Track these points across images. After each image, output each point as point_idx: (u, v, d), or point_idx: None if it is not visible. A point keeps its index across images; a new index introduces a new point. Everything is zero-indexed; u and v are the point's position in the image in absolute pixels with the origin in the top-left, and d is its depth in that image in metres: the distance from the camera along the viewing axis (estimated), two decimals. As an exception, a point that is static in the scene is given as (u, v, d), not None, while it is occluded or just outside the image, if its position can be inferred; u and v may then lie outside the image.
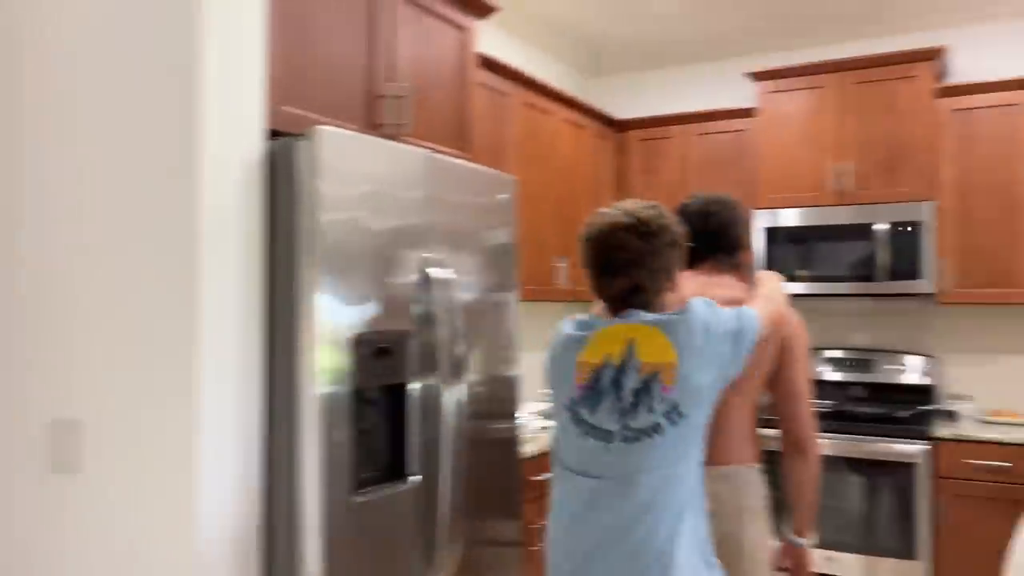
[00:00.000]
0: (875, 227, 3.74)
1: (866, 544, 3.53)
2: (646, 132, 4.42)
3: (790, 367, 1.97)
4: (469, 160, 2.63)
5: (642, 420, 1.62)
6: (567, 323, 1.81)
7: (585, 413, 1.68)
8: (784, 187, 3.99)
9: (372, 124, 2.28)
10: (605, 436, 1.65)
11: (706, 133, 4.27)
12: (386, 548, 1.97)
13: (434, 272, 2.09)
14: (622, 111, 4.67)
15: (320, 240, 1.79)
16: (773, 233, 3.98)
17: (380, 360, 1.96)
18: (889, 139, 3.77)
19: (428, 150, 2.19)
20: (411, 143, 2.33)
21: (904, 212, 3.70)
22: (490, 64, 3.27)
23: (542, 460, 3.01)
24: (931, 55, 3.69)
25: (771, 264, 3.96)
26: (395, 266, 2.01)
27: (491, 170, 2.46)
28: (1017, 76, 3.59)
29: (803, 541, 2.04)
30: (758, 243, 3.99)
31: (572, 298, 3.92)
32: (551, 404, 1.80)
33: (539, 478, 2.98)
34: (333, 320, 1.82)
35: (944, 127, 3.71)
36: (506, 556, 2.50)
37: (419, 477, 2.05)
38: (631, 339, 1.67)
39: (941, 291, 3.69)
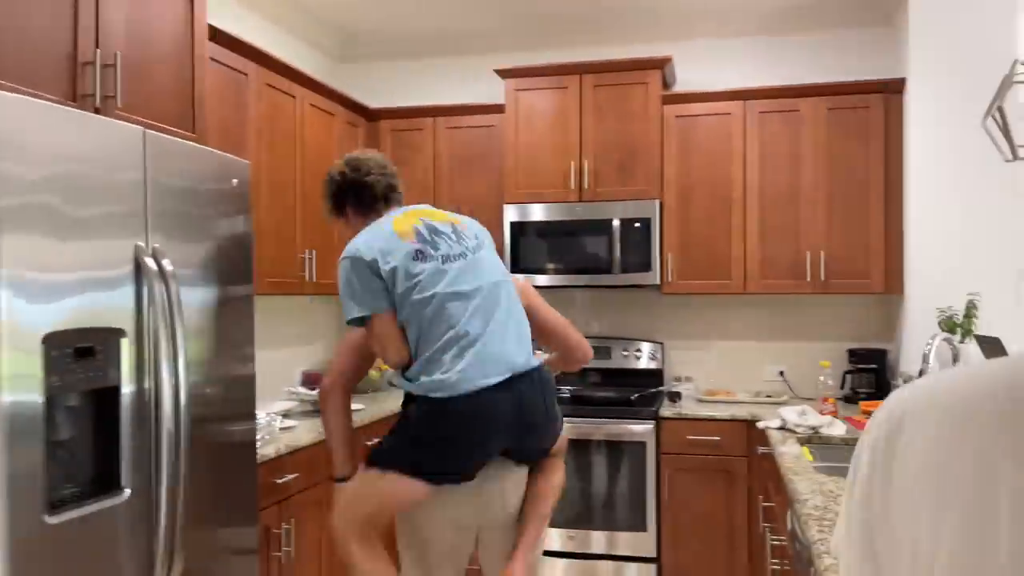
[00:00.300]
0: (611, 223, 3.99)
1: (606, 520, 3.76)
2: (398, 123, 4.38)
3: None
4: (196, 141, 2.42)
5: (468, 243, 2.28)
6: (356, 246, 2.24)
7: (431, 251, 2.20)
8: (530, 183, 4.14)
9: (75, 96, 2.02)
10: (459, 255, 2.22)
11: (458, 127, 4.31)
12: (95, 568, 1.76)
13: (150, 263, 1.90)
14: (375, 100, 4.59)
15: (-2, 227, 1.55)
16: (520, 227, 4.11)
17: (83, 362, 1.74)
18: (623, 140, 4.04)
19: (146, 128, 1.98)
20: (124, 119, 2.09)
21: (635, 209, 3.98)
22: (226, 40, 3.05)
23: (284, 461, 2.87)
24: (659, 64, 3.99)
25: (517, 257, 4.09)
26: (102, 257, 1.79)
27: (221, 153, 2.29)
28: (731, 88, 3.99)
29: None
30: (505, 237, 4.11)
31: (317, 292, 3.78)
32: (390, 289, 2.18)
33: (282, 480, 2.84)
34: (17, 319, 1.58)
35: (669, 131, 4.03)
36: (241, 565, 2.35)
37: (130, 490, 1.85)
38: (421, 213, 2.35)
39: (665, 282, 4.02)
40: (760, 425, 3.30)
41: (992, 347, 2.73)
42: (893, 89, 3.84)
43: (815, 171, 3.90)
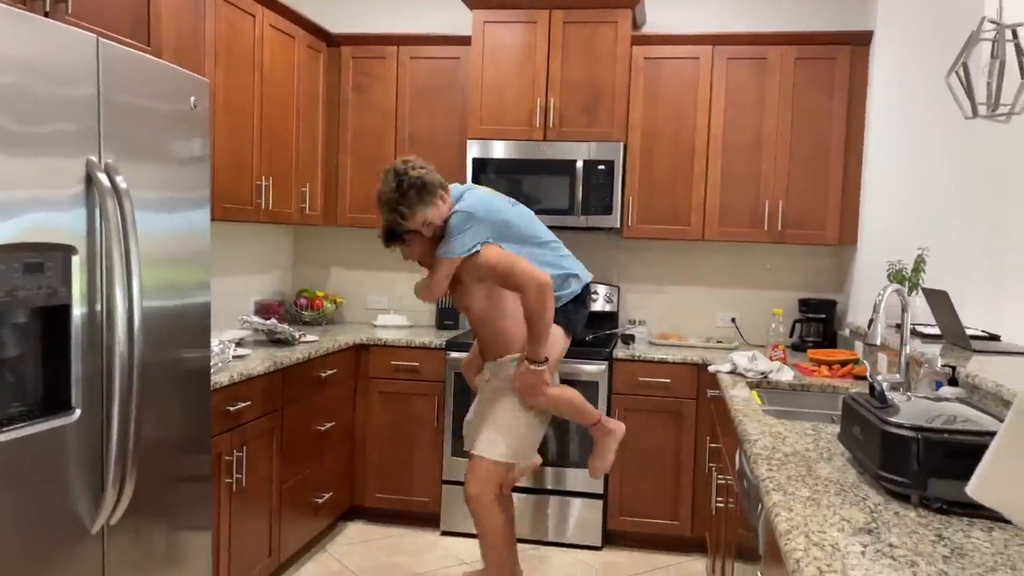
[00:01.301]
0: (575, 164, 3.96)
1: (557, 456, 3.82)
2: (360, 50, 4.25)
3: None
4: (151, 55, 2.31)
5: None
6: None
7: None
8: (495, 119, 4.07)
9: (21, -2, 1.91)
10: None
11: (421, 57, 4.21)
12: (43, 490, 1.72)
13: (102, 178, 1.82)
14: (337, 24, 4.44)
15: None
16: (483, 164, 4.05)
17: (32, 278, 1.68)
18: (590, 80, 3.99)
19: (99, 37, 1.88)
20: (74, 25, 1.98)
21: (599, 151, 3.95)
22: (183, -50, 2.89)
23: (237, 388, 2.84)
24: (630, 3, 3.92)
25: (479, 194, 4.04)
26: (53, 172, 1.71)
27: (180, 69, 2.19)
28: (700, 32, 3.95)
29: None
30: (468, 173, 4.06)
31: (273, 220, 3.70)
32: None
33: (235, 408, 2.81)
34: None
35: (636, 73, 3.99)
36: (193, 492, 2.33)
37: (80, 410, 1.81)
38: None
39: (626, 226, 4.03)
40: (711, 369, 3.37)
41: (939, 300, 2.81)
42: (860, 41, 3.85)
43: (779, 121, 3.91)
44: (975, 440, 1.60)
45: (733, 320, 4.32)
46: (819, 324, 4.08)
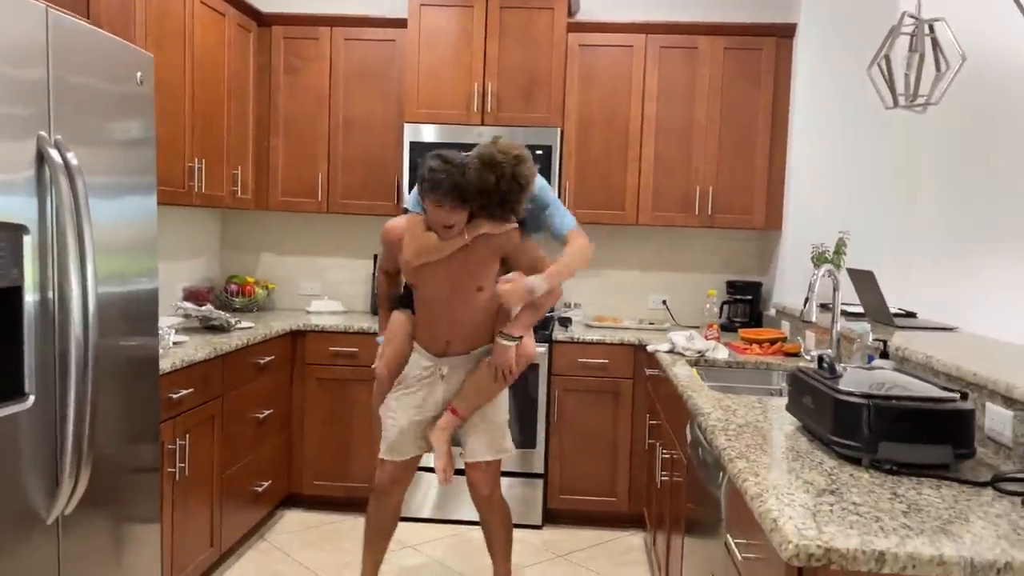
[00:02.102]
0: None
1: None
2: (292, 30, 4.16)
3: None
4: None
5: None
6: None
7: None
8: (432, 103, 4.06)
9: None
10: None
11: (356, 39, 4.15)
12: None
13: (54, 155, 1.74)
14: (267, 3, 4.33)
15: None
16: (419, 148, 4.03)
17: (-20, 259, 1.59)
18: (527, 65, 4.02)
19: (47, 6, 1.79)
20: (18, -5, 1.88)
21: (537, 136, 4.00)
22: (115, -80, 2.77)
23: (179, 376, 2.76)
24: (565, -10, 3.97)
25: (415, 179, 4.02)
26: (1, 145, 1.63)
27: (126, 43, 2.11)
28: (634, 20, 4.03)
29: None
30: (405, 157, 4.04)
31: (205, 203, 3.60)
32: None
33: (176, 395, 2.74)
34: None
35: (572, 60, 4.05)
36: (142, 482, 2.26)
37: (34, 398, 1.74)
38: None
39: (563, 210, 4.08)
40: (650, 348, 3.47)
41: (865, 279, 2.97)
42: (784, 33, 4.01)
43: (709, 109, 4.04)
44: (920, 406, 1.72)
45: (664, 302, 4.45)
46: (746, 305, 4.25)
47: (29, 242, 1.70)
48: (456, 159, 2.53)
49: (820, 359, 2.00)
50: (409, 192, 4.02)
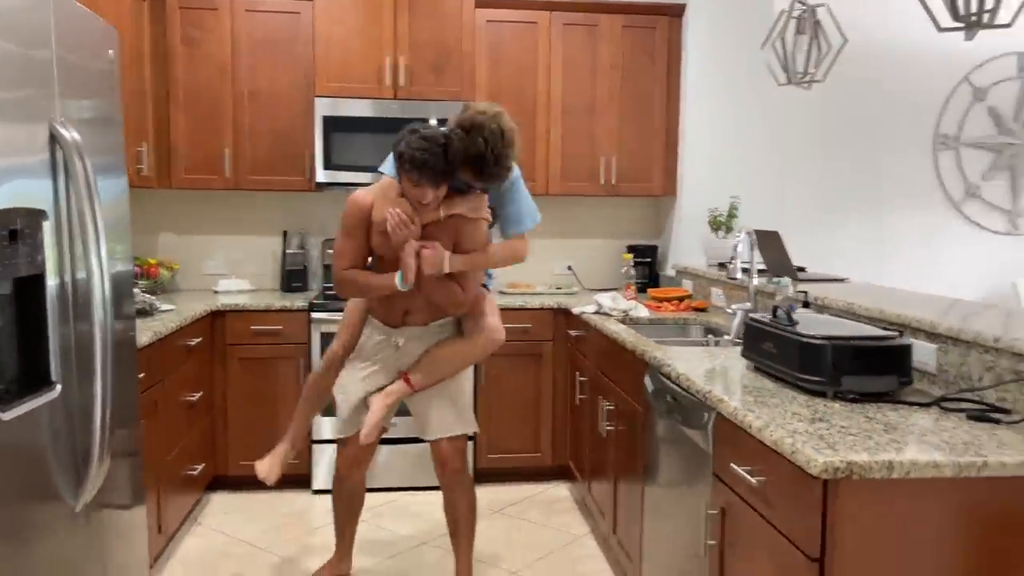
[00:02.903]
0: (428, 122, 4.06)
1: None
2: (188, 0, 4.00)
3: None
4: None
5: None
6: None
7: None
8: (343, 76, 4.05)
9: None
10: None
11: (258, 10, 4.05)
12: (28, 468, 1.61)
13: (67, 135, 1.69)
14: (155, -30, 4.12)
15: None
16: (332, 122, 4.03)
17: (9, 247, 1.55)
18: (437, 40, 4.09)
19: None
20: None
21: (450, 110, 4.09)
22: None
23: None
24: (472, -34, 4.06)
25: (330, 153, 4.03)
26: (14, 133, 1.57)
27: (97, 16, 2.03)
28: (536, -2, 4.20)
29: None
30: (317, 132, 4.01)
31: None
32: None
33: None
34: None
35: (480, 35, 4.16)
36: (129, 466, 2.23)
37: (60, 386, 1.70)
38: None
39: (477, 182, 4.22)
40: (576, 310, 3.70)
41: (770, 239, 3.33)
42: (674, 13, 4.31)
43: (610, 84, 4.29)
44: (872, 343, 2.04)
45: (569, 268, 4.70)
46: (645, 267, 4.58)
47: (48, 228, 1.65)
48: (435, 135, 2.53)
49: (774, 309, 2.29)
50: (323, 168, 4.01)
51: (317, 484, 3.97)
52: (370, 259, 2.76)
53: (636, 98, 4.32)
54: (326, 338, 3.87)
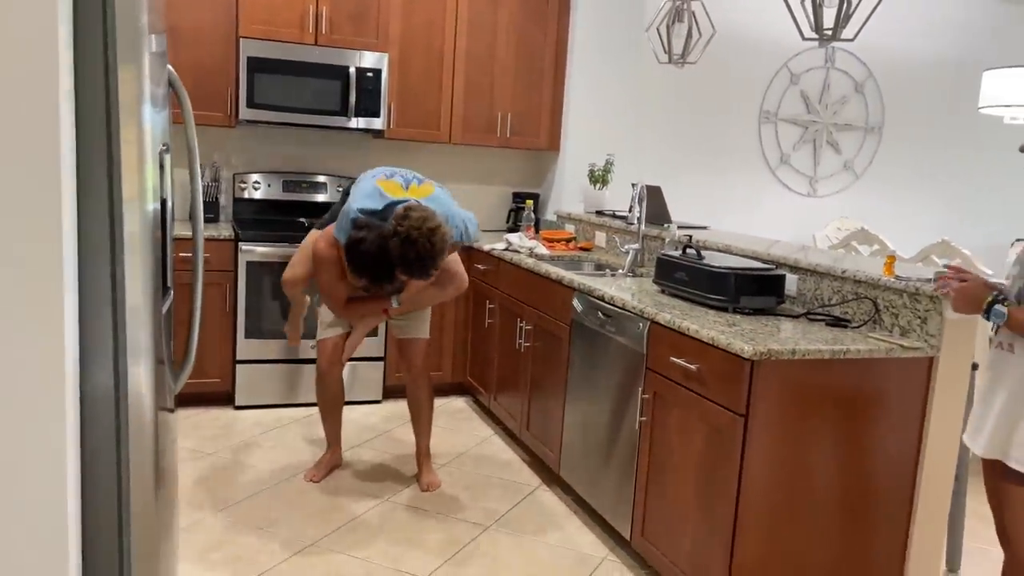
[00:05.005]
0: (348, 69, 4.40)
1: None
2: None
3: None
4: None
5: None
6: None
7: None
8: (267, 19, 4.27)
9: None
10: None
11: (180, -55, 4.16)
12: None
13: (171, 70, 2.01)
14: None
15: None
16: (257, 63, 4.25)
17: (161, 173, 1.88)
18: (356, -8, 4.42)
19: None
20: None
21: (369, 59, 4.45)
22: None
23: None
24: (391, -74, 4.40)
25: (253, 93, 4.26)
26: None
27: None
28: (446, -38, 4.61)
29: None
30: (242, 72, 4.23)
31: None
32: None
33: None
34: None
35: (395, -9, 4.53)
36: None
37: (172, 292, 2.06)
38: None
39: (388, 129, 4.63)
40: (487, 247, 4.27)
41: (654, 192, 4.07)
42: (564, -13, 4.90)
43: (508, 43, 4.82)
44: (760, 273, 2.81)
45: (461, 209, 5.23)
46: (528, 211, 5.21)
47: (168, 158, 1.97)
48: (375, 248, 2.89)
49: (685, 247, 3.01)
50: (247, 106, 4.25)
51: (240, 400, 4.29)
52: None
53: (529, 59, 4.89)
54: (251, 267, 4.18)
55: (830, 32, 3.17)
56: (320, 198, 4.76)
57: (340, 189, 4.79)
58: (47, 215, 1.50)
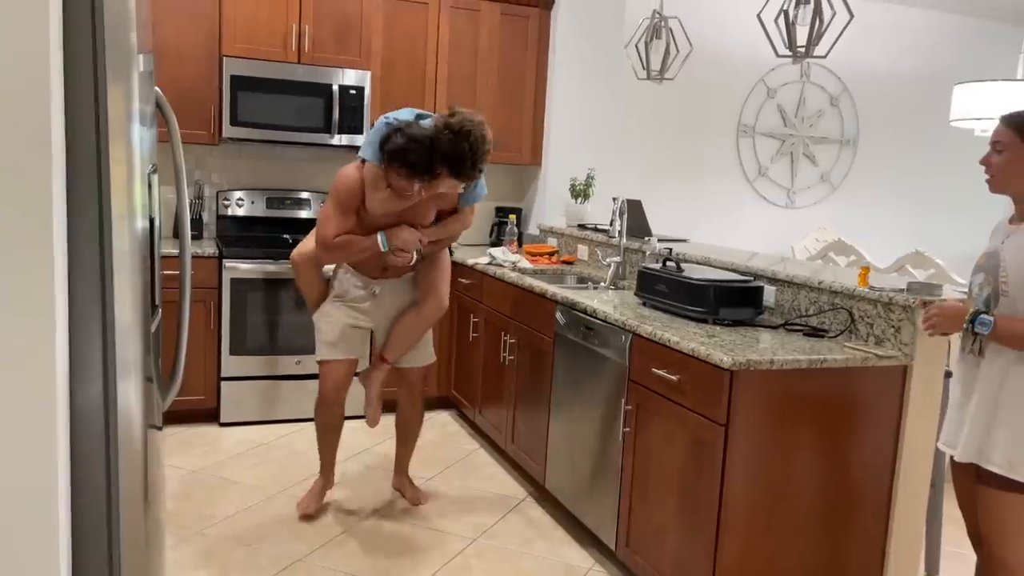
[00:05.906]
0: (331, 86, 4.44)
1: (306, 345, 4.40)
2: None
3: None
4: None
5: None
6: None
7: None
8: (250, 39, 4.31)
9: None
10: None
11: (162, -34, 4.19)
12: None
13: (158, 92, 2.04)
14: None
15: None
16: (240, 81, 4.28)
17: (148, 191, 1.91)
18: (337, 12, 4.46)
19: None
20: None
21: (352, 77, 4.49)
22: None
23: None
24: (371, -54, 4.46)
25: (237, 112, 4.29)
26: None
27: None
28: (427, -19, 4.68)
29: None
30: (225, 90, 4.26)
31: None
32: None
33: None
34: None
35: (378, 11, 4.58)
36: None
37: (160, 310, 2.08)
38: None
39: (371, 145, 4.66)
40: (471, 262, 4.31)
41: (634, 206, 4.13)
42: (545, 6, 4.97)
43: (489, 64, 4.88)
44: (740, 285, 2.86)
45: (444, 225, 5.27)
46: (511, 226, 5.26)
47: (155, 178, 2.00)
48: (421, 136, 2.85)
49: (665, 260, 3.06)
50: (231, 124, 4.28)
51: (225, 418, 4.29)
52: None
53: (511, 79, 4.95)
54: (236, 283, 4.20)
55: (803, 50, 3.25)
56: (304, 214, 4.78)
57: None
58: (38, 233, 1.52)
